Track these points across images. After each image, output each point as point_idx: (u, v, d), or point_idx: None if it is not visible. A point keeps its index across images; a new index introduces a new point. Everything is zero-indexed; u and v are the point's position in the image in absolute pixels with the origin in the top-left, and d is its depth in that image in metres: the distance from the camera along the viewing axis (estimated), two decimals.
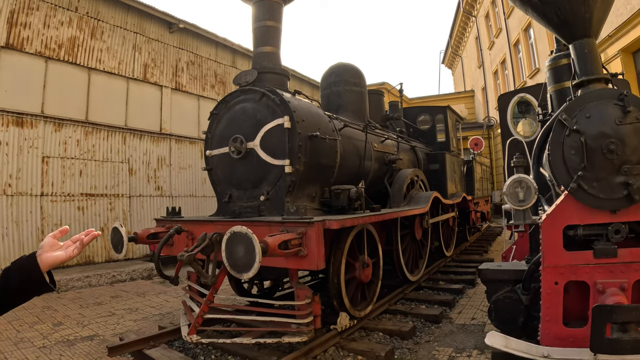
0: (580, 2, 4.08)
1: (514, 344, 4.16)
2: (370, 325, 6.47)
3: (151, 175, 14.34)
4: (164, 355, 5.48)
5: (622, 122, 3.76)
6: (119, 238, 5.86)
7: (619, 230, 3.82)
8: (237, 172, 6.43)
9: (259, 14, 6.87)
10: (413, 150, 11.00)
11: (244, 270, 4.12)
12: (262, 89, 6.31)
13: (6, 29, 10.78)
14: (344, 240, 5.91)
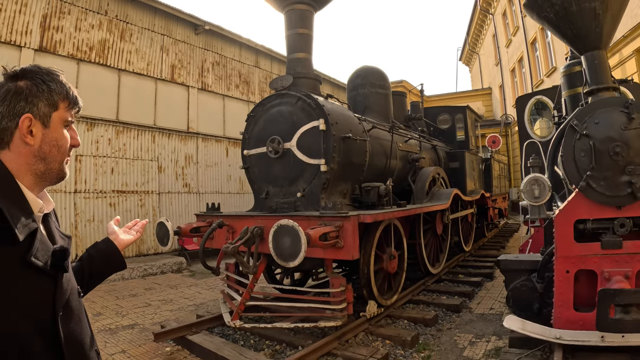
0: (592, 18, 4.51)
1: (529, 326, 4.63)
2: (396, 313, 6.93)
3: (179, 172, 14.82)
4: (206, 340, 5.93)
5: (627, 127, 4.22)
6: (164, 232, 6.37)
7: (624, 224, 4.27)
8: (274, 171, 6.90)
9: (291, 22, 7.30)
10: (434, 149, 11.39)
11: (290, 259, 4.64)
12: (298, 93, 6.76)
13: (39, 32, 11.22)
14: (373, 233, 6.37)
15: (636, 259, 4.24)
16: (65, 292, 1.40)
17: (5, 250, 1.23)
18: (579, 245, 4.43)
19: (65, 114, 1.48)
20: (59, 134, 1.47)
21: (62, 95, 1.47)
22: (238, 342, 6.08)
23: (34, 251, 1.28)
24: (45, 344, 1.32)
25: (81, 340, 1.47)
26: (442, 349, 5.75)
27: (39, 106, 1.41)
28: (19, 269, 1.26)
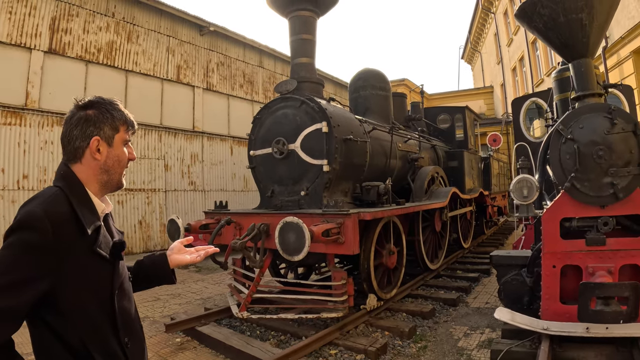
0: (578, 28, 4.79)
1: (518, 317, 4.94)
2: (395, 306, 7.26)
3: (185, 171, 15.20)
4: (215, 331, 6.26)
5: (609, 132, 4.51)
6: (175, 228, 6.70)
7: (607, 223, 4.57)
8: (279, 170, 7.22)
9: (295, 27, 7.62)
10: (433, 148, 11.68)
11: (295, 253, 5.00)
12: (302, 97, 7.09)
13: (49, 35, 11.57)
14: (373, 230, 6.69)
15: (619, 255, 4.52)
16: (120, 276, 1.80)
17: (79, 242, 1.63)
18: (565, 242, 4.73)
19: (124, 135, 1.83)
20: (120, 151, 1.82)
21: (121, 121, 1.81)
22: (245, 333, 6.39)
23: (98, 243, 1.70)
24: (104, 314, 1.71)
25: (130, 315, 1.86)
26: (438, 339, 6.07)
27: (105, 130, 1.78)
28: (88, 257, 1.66)
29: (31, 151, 11.14)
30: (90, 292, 1.67)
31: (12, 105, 10.78)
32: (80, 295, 1.63)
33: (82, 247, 1.64)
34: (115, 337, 1.74)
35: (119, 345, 1.75)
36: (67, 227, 1.60)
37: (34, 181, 11.11)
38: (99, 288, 1.71)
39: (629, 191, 4.49)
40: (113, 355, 1.72)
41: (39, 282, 1.52)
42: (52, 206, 1.59)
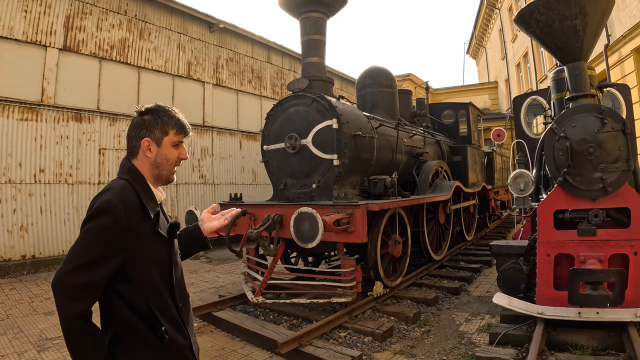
0: (573, 34, 5.14)
1: (515, 302, 5.33)
2: (400, 294, 7.67)
3: (195, 164, 15.52)
4: (230, 315, 6.65)
5: (600, 130, 4.89)
6: (193, 219, 7.06)
7: (598, 215, 4.95)
8: (291, 164, 7.60)
9: (305, 28, 7.96)
10: (438, 143, 12.00)
11: (309, 241, 5.41)
12: (313, 95, 7.44)
13: (63, 32, 11.82)
14: (380, 221, 7.07)
15: (609, 245, 4.90)
16: (175, 252, 2.21)
17: (145, 224, 2.03)
18: (558, 232, 5.11)
19: (174, 138, 2.14)
20: (168, 151, 2.13)
21: (171, 125, 2.13)
22: (259, 317, 6.80)
23: (159, 225, 2.11)
24: (165, 284, 2.10)
25: (182, 284, 2.25)
26: (440, 325, 6.45)
27: (155, 132, 2.11)
28: (153, 236, 2.07)
29: (47, 146, 11.40)
30: (154, 265, 2.05)
31: (29, 102, 11.05)
32: (147, 268, 2.01)
33: (147, 229, 2.03)
34: (173, 303, 2.11)
35: (176, 309, 2.12)
36: (136, 212, 1.99)
37: (50, 175, 11.40)
38: (161, 262, 2.09)
39: (617, 185, 4.86)
40: (172, 317, 2.09)
41: (114, 259, 1.89)
42: (124, 196, 1.97)
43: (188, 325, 2.19)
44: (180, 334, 2.11)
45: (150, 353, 2.01)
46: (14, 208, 10.72)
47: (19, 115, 10.88)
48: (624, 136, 4.88)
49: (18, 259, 10.69)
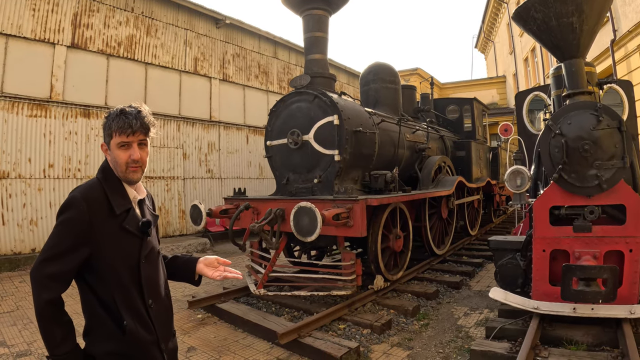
0: (569, 31, 5.17)
1: (511, 297, 5.40)
2: (401, 288, 7.77)
3: (202, 159, 15.68)
4: (234, 307, 6.80)
5: (595, 128, 4.94)
6: (198, 213, 7.23)
7: (593, 211, 5.01)
8: (293, 159, 7.72)
9: (308, 25, 8.04)
10: (441, 138, 12.06)
11: (308, 234, 5.53)
12: (315, 91, 7.54)
13: (71, 30, 11.96)
14: (380, 215, 7.17)
15: (604, 241, 4.94)
16: (147, 248, 2.24)
17: (111, 219, 2.12)
18: (554, 228, 5.17)
19: (117, 140, 2.15)
20: (115, 153, 2.16)
21: (113, 128, 2.14)
22: (261, 309, 6.94)
23: (127, 221, 2.17)
24: (132, 278, 2.16)
25: (155, 281, 2.30)
26: (439, 318, 6.56)
27: (105, 137, 2.20)
28: (119, 231, 2.14)
29: (56, 141, 11.56)
30: (120, 259, 2.12)
31: (38, 98, 11.19)
32: (113, 262, 2.10)
33: (113, 224, 2.12)
34: (140, 298, 2.17)
35: (143, 305, 2.18)
36: (100, 208, 2.09)
37: (59, 170, 11.56)
38: (128, 257, 2.15)
39: (613, 182, 4.90)
40: (137, 311, 2.15)
41: (80, 250, 2.02)
42: (89, 192, 2.11)
43: (157, 322, 2.24)
44: (145, 329, 2.17)
45: (112, 344, 2.11)
46: (23, 202, 10.90)
47: (28, 112, 11.04)
48: (619, 133, 4.92)
49: (28, 252, 10.87)
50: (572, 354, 4.46)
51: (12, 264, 10.47)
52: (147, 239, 2.24)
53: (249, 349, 5.54)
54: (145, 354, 2.18)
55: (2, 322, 6.59)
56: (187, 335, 6.08)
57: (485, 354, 4.69)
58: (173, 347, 2.37)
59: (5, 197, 10.63)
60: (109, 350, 2.11)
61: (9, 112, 10.71)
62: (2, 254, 10.51)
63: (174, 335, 2.44)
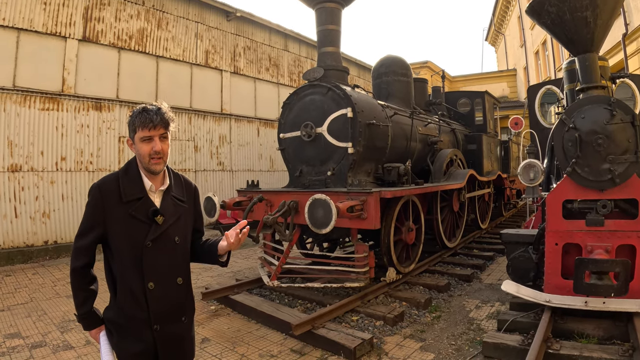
0: (583, 25, 5.18)
1: (523, 290, 5.43)
2: (413, 280, 7.81)
3: (214, 151, 15.76)
4: (247, 299, 6.87)
5: (609, 122, 4.95)
6: (212, 205, 7.29)
7: (606, 205, 5.02)
8: (307, 152, 7.76)
9: (321, 18, 8.06)
10: (453, 132, 12.07)
11: (323, 227, 5.59)
12: (328, 84, 7.56)
13: (82, 23, 12.02)
14: (393, 208, 7.21)
15: (616, 235, 4.95)
16: (153, 234, 2.41)
17: (120, 206, 2.38)
18: (567, 222, 5.19)
19: (141, 134, 2.38)
20: (139, 146, 2.40)
21: (137, 124, 2.37)
22: (274, 301, 7.01)
23: (135, 209, 2.40)
24: (134, 260, 2.38)
25: (162, 266, 2.45)
26: (451, 311, 6.61)
27: (130, 133, 2.44)
28: (127, 217, 2.38)
29: (68, 134, 11.66)
30: (126, 243, 2.37)
31: (50, 92, 11.29)
32: (119, 243, 2.38)
33: (122, 210, 2.37)
34: (140, 280, 2.37)
35: (140, 285, 2.37)
36: (112, 195, 2.38)
37: (72, 163, 11.67)
38: (133, 240, 2.37)
39: (626, 177, 4.91)
40: (132, 290, 2.37)
41: (96, 230, 2.38)
42: (104, 183, 2.42)
43: (154, 303, 2.40)
44: (136, 307, 2.37)
45: (111, 313, 2.44)
46: (36, 195, 11.02)
47: (40, 105, 11.14)
48: (633, 128, 4.92)
49: (40, 245, 11.01)
50: (584, 347, 4.48)
51: (25, 256, 10.62)
52: (153, 226, 2.41)
53: (262, 340, 5.61)
54: (133, 329, 2.39)
55: (16, 314, 6.69)
56: (201, 326, 6.15)
57: (497, 346, 4.74)
58: (177, 332, 2.52)
59: (18, 190, 10.74)
60: (108, 317, 2.45)
61: (21, 105, 10.80)
62: (15, 246, 10.65)
63: (185, 322, 2.58)
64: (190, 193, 2.71)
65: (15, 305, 7.14)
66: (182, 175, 2.73)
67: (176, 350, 2.52)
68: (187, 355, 2.62)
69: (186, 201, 2.63)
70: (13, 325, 6.19)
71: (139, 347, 2.38)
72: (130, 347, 2.38)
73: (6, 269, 9.80)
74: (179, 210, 2.55)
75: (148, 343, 2.39)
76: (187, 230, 2.63)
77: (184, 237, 2.58)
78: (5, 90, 10.53)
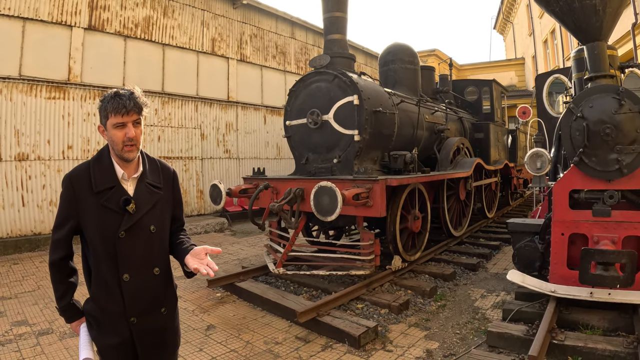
0: (592, 13, 5.11)
1: (528, 280, 5.44)
2: (418, 268, 7.83)
3: (220, 139, 15.78)
4: (252, 286, 6.92)
5: (617, 112, 4.90)
6: (217, 192, 7.32)
7: (613, 196, 4.99)
8: (313, 139, 7.78)
9: (327, 5, 8.01)
10: (460, 120, 12.02)
11: (328, 214, 5.60)
12: (335, 71, 7.55)
13: (88, 12, 11.96)
14: (399, 196, 7.22)
15: (623, 226, 4.92)
16: (126, 224, 2.35)
17: (92, 196, 2.34)
18: (573, 212, 5.17)
19: (113, 120, 2.31)
20: (112, 133, 2.33)
21: (109, 110, 2.31)
22: (280, 288, 7.06)
23: (106, 198, 2.35)
24: (107, 251, 2.34)
25: (138, 256, 2.41)
26: (456, 299, 6.62)
27: (102, 119, 2.37)
28: (99, 207, 2.33)
29: (75, 123, 11.69)
30: (97, 233, 2.33)
31: (56, 81, 11.29)
32: (92, 234, 2.34)
33: (94, 200, 2.33)
34: (114, 271, 2.34)
35: (115, 278, 2.34)
36: (83, 185, 2.33)
37: (78, 151, 11.71)
38: (106, 230, 2.32)
39: (633, 167, 4.87)
40: (105, 281, 2.36)
41: (70, 221, 2.36)
42: (75, 171, 2.39)
43: (130, 296, 2.36)
44: (110, 300, 2.35)
45: (88, 306, 2.45)
46: (43, 184, 11.07)
47: (46, 94, 11.15)
48: None
49: (47, 233, 11.04)
50: (588, 338, 4.48)
51: (32, 244, 10.70)
52: (127, 215, 2.35)
53: (267, 327, 5.66)
54: (109, 322, 2.37)
55: (23, 302, 6.75)
56: (207, 313, 6.21)
57: (502, 335, 4.76)
58: (156, 324, 2.48)
59: (25, 179, 10.78)
60: (86, 310, 2.46)
61: (27, 94, 10.80)
62: (23, 234, 10.72)
63: (164, 313, 2.52)
64: (168, 178, 2.63)
65: (23, 293, 7.21)
66: (159, 160, 2.66)
67: (156, 342, 2.50)
68: (168, 345, 2.60)
69: (163, 187, 2.57)
70: (20, 312, 6.27)
71: (116, 340, 2.36)
72: (107, 340, 2.37)
73: (14, 257, 9.88)
74: (155, 198, 2.50)
75: (125, 336, 2.37)
76: (165, 218, 2.58)
77: (161, 225, 2.53)
78: (12, 79, 10.53)
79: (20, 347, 5.07)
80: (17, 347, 5.08)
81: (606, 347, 4.24)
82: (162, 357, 2.55)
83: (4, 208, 10.43)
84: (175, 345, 2.66)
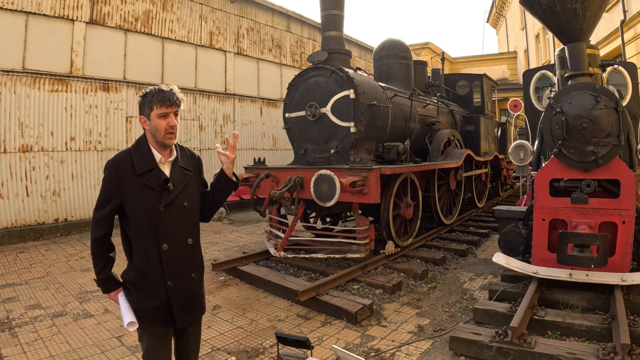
0: (573, 17, 5.47)
1: (512, 262, 5.84)
2: (410, 253, 8.27)
3: (218, 130, 16.07)
4: (254, 269, 7.31)
5: (594, 107, 5.28)
6: None
7: (590, 185, 5.40)
8: (311, 131, 8.16)
9: (325, 3, 8.35)
10: (451, 113, 12.38)
11: (327, 200, 6.04)
12: (332, 67, 7.91)
13: (89, 6, 12.18)
14: (392, 184, 7.64)
15: (599, 213, 5.32)
16: (165, 200, 2.71)
17: (134, 177, 2.67)
18: (554, 199, 5.57)
19: (158, 111, 2.67)
20: (156, 122, 2.68)
21: (154, 102, 2.66)
22: (280, 271, 7.49)
23: (148, 179, 2.70)
24: (149, 224, 2.69)
25: (176, 228, 2.78)
26: (446, 282, 7.05)
27: (145, 110, 2.72)
28: (141, 187, 2.68)
29: (77, 115, 11.93)
30: (140, 209, 2.67)
31: (59, 74, 11.52)
32: (134, 210, 2.68)
33: (136, 181, 2.66)
34: (154, 241, 2.69)
35: (156, 247, 2.69)
36: (126, 168, 2.66)
37: (81, 142, 11.98)
38: (147, 207, 2.66)
39: (608, 159, 5.25)
40: (147, 252, 2.69)
41: (113, 201, 2.68)
42: (118, 157, 2.72)
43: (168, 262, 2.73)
44: (151, 266, 2.70)
45: (128, 274, 2.77)
46: (46, 175, 11.34)
47: (49, 87, 11.39)
48: (616, 113, 5.25)
49: (51, 222, 11.39)
50: (567, 315, 4.87)
51: (36, 233, 10.99)
52: (166, 192, 2.71)
53: (270, 307, 6.06)
54: (148, 286, 2.72)
55: (35, 287, 7.03)
56: (212, 295, 6.57)
57: (487, 312, 5.15)
58: (188, 287, 2.86)
59: (29, 170, 11.02)
60: (126, 278, 2.78)
61: (31, 87, 11.02)
62: (27, 224, 10.99)
63: (195, 278, 2.92)
64: (195, 163, 3.01)
65: (33, 279, 7.48)
66: (186, 148, 3.03)
67: (188, 303, 2.85)
68: (197, 308, 2.95)
69: (192, 170, 2.93)
70: (32, 297, 6.54)
71: (155, 302, 2.71)
72: (147, 302, 2.70)
73: (19, 246, 10.15)
74: (186, 179, 2.86)
75: (162, 298, 2.71)
76: (195, 195, 2.94)
77: (192, 202, 2.89)
78: (15, 72, 10.76)
79: (37, 328, 5.35)
80: (34, 328, 5.37)
81: (583, 323, 4.62)
82: (192, 317, 2.91)
83: (9, 198, 10.69)
84: (202, 308, 3.02)
